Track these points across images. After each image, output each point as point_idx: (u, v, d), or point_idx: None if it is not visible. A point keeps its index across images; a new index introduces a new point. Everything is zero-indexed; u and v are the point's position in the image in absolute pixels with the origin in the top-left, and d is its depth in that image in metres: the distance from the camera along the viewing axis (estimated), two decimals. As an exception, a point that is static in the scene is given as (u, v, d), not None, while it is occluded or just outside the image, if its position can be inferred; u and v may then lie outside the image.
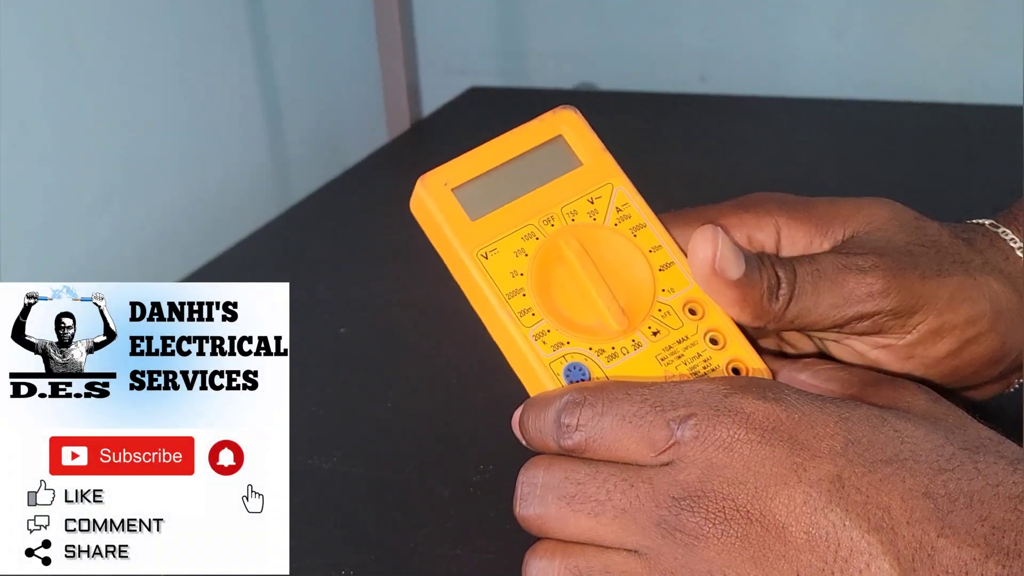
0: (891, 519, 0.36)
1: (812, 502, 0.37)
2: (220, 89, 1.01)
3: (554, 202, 0.47)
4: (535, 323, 0.45)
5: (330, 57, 1.18)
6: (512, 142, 0.48)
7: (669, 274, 0.46)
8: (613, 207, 0.47)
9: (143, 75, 0.91)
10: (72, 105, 0.84)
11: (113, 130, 0.88)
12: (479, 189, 0.47)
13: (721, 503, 0.38)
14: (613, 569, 0.39)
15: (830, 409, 0.39)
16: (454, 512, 0.51)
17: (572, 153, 0.48)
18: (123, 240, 0.89)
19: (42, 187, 0.82)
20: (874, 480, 0.37)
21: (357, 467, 0.55)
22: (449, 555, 0.48)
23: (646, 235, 0.46)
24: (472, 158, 0.48)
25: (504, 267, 0.46)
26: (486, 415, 0.59)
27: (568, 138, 0.48)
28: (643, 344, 0.45)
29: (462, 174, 0.47)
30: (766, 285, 0.44)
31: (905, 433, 0.38)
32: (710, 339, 0.45)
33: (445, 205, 0.47)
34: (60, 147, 0.83)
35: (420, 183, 0.48)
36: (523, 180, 0.47)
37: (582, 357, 0.45)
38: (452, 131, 1.10)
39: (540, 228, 0.46)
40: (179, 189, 0.96)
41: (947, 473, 0.37)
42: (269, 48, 1.06)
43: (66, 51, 0.83)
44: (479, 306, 0.47)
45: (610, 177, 0.47)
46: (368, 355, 0.66)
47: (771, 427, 0.38)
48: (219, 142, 1.01)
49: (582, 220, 0.46)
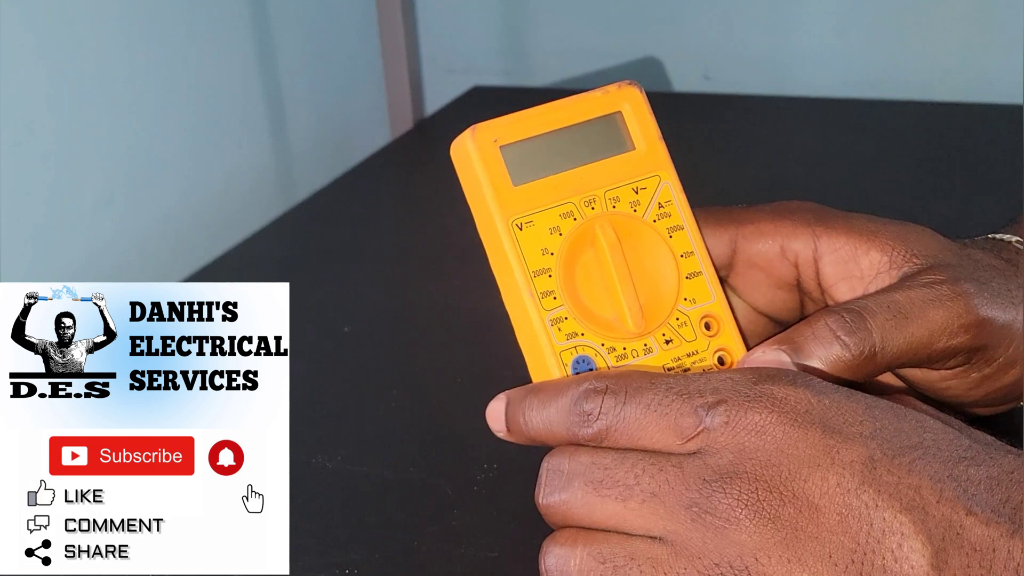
0: (921, 499, 0.36)
1: (845, 483, 0.37)
2: (223, 88, 1.01)
3: (599, 183, 0.46)
4: (555, 307, 0.45)
5: (333, 56, 1.18)
6: (570, 109, 0.46)
7: (694, 284, 0.45)
8: (656, 202, 0.46)
9: (146, 74, 0.91)
10: (74, 104, 0.84)
11: (116, 129, 0.88)
12: (528, 153, 0.46)
13: (754, 485, 0.37)
14: (638, 555, 0.38)
15: (857, 397, 0.39)
16: (458, 511, 0.51)
17: (627, 134, 0.46)
18: (126, 239, 0.89)
19: (45, 186, 0.82)
20: (903, 463, 0.37)
21: (361, 466, 0.55)
22: (453, 554, 0.48)
23: (681, 238, 0.46)
24: (527, 118, 0.46)
25: (537, 242, 0.45)
26: (489, 414, 0.59)
27: (626, 117, 0.47)
28: (654, 350, 0.45)
29: (514, 132, 0.46)
30: (852, 359, 0.43)
31: (926, 424, 0.39)
32: (718, 358, 0.45)
33: (491, 163, 0.46)
34: (62, 146, 0.83)
35: (470, 133, 0.47)
36: (573, 153, 0.46)
37: (592, 352, 0.44)
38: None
39: (580, 208, 0.45)
40: (182, 188, 0.96)
41: (967, 461, 0.37)
42: (272, 47, 1.06)
43: (69, 51, 0.83)
44: (501, 275, 0.46)
45: (660, 168, 0.46)
46: (372, 354, 0.66)
47: (803, 411, 0.38)
48: (222, 141, 1.01)
49: (623, 209, 0.46)
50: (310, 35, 1.13)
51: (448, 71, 1.25)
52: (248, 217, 0.95)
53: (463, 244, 0.81)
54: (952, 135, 0.95)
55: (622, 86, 0.47)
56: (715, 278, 0.46)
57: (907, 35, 1.08)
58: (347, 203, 0.92)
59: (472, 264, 0.77)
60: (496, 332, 0.67)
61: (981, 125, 0.95)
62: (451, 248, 0.81)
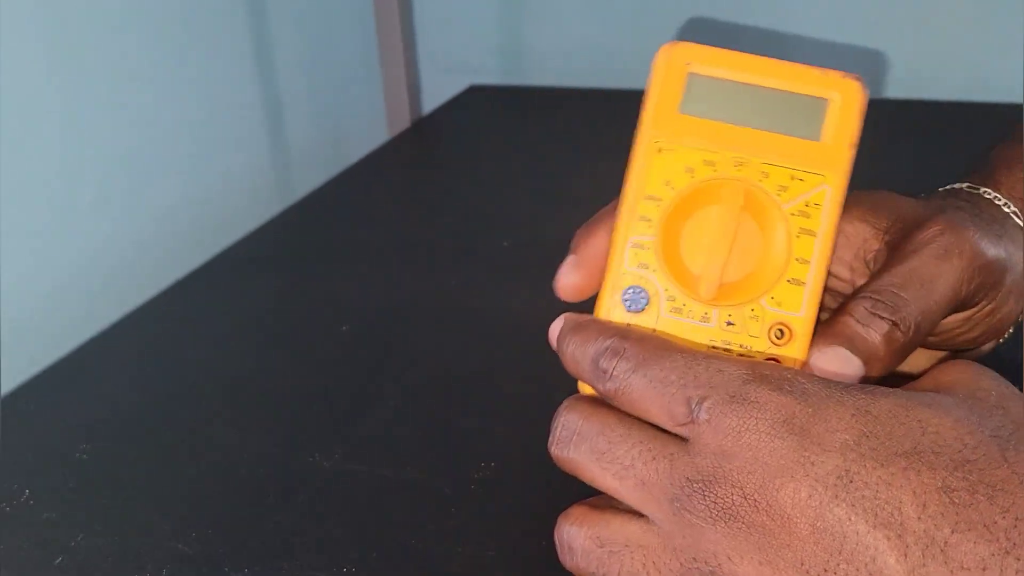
0: (901, 515, 0.36)
1: (817, 496, 0.37)
2: (221, 87, 1.01)
3: (761, 153, 0.44)
4: (643, 233, 0.44)
5: (331, 55, 1.18)
6: (780, 72, 0.44)
7: (791, 290, 0.44)
8: (805, 199, 0.44)
9: (144, 74, 0.91)
10: (73, 103, 0.84)
11: (114, 128, 0.88)
12: (712, 90, 0.45)
13: (730, 491, 0.38)
14: (632, 543, 0.40)
15: (849, 401, 0.39)
16: (455, 510, 0.50)
17: (823, 124, 0.44)
18: (124, 238, 0.89)
19: (43, 186, 0.82)
20: (885, 475, 0.37)
21: (359, 465, 0.55)
22: (451, 553, 0.48)
23: (806, 244, 0.44)
24: (732, 58, 0.44)
25: (665, 171, 0.44)
26: (488, 413, 0.59)
27: (832, 107, 0.44)
28: (710, 322, 0.44)
29: (711, 65, 0.45)
30: (892, 348, 0.43)
31: (929, 424, 0.38)
32: (777, 332, 0.44)
33: (671, 82, 0.45)
34: (61, 146, 0.83)
35: (667, 47, 0.45)
36: (755, 113, 0.44)
37: (652, 290, 0.44)
38: (452, 129, 1.10)
39: (725, 164, 0.44)
40: (180, 187, 0.96)
41: (969, 464, 0.36)
42: (270, 47, 1.06)
43: (68, 50, 0.83)
44: (624, 191, 0.45)
45: (831, 171, 0.44)
46: (370, 353, 0.66)
47: (782, 419, 0.38)
48: (220, 140, 1.01)
49: (768, 186, 0.44)
50: (307, 34, 1.13)
51: (445, 70, 1.25)
52: (246, 216, 0.95)
53: (461, 243, 0.82)
54: (950, 134, 0.95)
55: (846, 76, 0.44)
56: (818, 296, 0.44)
57: (904, 34, 1.08)
58: (345, 202, 0.92)
59: (471, 263, 0.78)
60: (495, 331, 0.68)
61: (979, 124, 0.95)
62: (449, 247, 0.81)
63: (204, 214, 0.97)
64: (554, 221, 0.84)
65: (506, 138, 1.06)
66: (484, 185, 0.94)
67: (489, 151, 1.02)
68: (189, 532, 0.50)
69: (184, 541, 0.50)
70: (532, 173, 0.95)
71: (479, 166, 0.98)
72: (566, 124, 1.07)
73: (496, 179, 0.94)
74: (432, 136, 1.10)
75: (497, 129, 1.09)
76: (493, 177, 0.95)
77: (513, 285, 0.73)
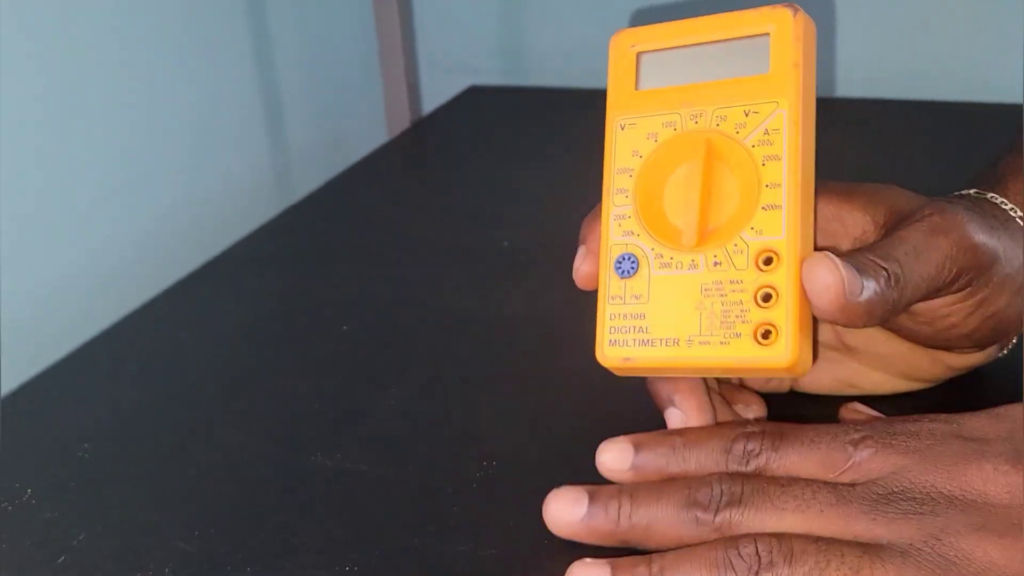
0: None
1: (1002, 467, 0.41)
2: (221, 87, 1.01)
3: (714, 101, 0.46)
4: (622, 204, 0.47)
5: (330, 55, 1.18)
6: (717, 24, 0.47)
7: (768, 216, 0.44)
8: (764, 128, 0.45)
9: (143, 74, 0.91)
10: (71, 103, 0.84)
11: (113, 128, 0.88)
12: (661, 61, 0.47)
13: (920, 489, 0.41)
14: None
15: (980, 415, 0.44)
16: (457, 509, 0.50)
17: (766, 57, 0.46)
18: (124, 238, 0.89)
19: (42, 186, 0.82)
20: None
21: (360, 464, 0.55)
22: (452, 552, 0.48)
23: (774, 168, 0.45)
24: (673, 28, 0.47)
25: (630, 144, 0.47)
26: (489, 412, 0.59)
27: (772, 39, 0.46)
28: (698, 267, 0.45)
29: (655, 40, 0.48)
30: (889, 294, 0.44)
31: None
32: (764, 294, 0.44)
33: (623, 66, 0.48)
34: (59, 146, 0.83)
35: (614, 38, 0.48)
36: (706, 67, 0.47)
37: (640, 253, 0.46)
38: (452, 129, 1.10)
39: (683, 120, 0.46)
40: (180, 188, 0.96)
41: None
42: (270, 47, 1.06)
43: (66, 50, 0.83)
44: (603, 168, 0.48)
45: (781, 95, 0.45)
46: (370, 352, 0.66)
47: (939, 434, 0.43)
48: (219, 140, 1.01)
49: (726, 128, 0.46)
50: (307, 34, 1.13)
51: (445, 71, 1.25)
52: (245, 216, 0.95)
53: (461, 243, 0.82)
54: (950, 135, 0.95)
55: (776, 7, 0.46)
56: (798, 216, 0.44)
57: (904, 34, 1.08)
58: (344, 202, 0.92)
59: (470, 263, 0.78)
60: (495, 331, 0.68)
61: (979, 125, 0.95)
62: (449, 247, 0.81)
63: (204, 214, 0.97)
64: (554, 221, 0.83)
65: (506, 139, 1.06)
66: (484, 185, 0.94)
67: (489, 152, 1.02)
68: (191, 531, 0.50)
69: (186, 540, 0.50)
70: (532, 173, 0.95)
71: (479, 166, 0.98)
72: (566, 125, 1.07)
73: (496, 179, 0.94)
74: (432, 137, 1.10)
75: (497, 130, 1.09)
76: (493, 177, 0.95)
77: (513, 285, 0.73)
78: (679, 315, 0.45)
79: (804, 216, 0.45)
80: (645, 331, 0.46)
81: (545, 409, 0.58)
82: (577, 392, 0.58)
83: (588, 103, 1.18)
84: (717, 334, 0.44)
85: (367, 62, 1.20)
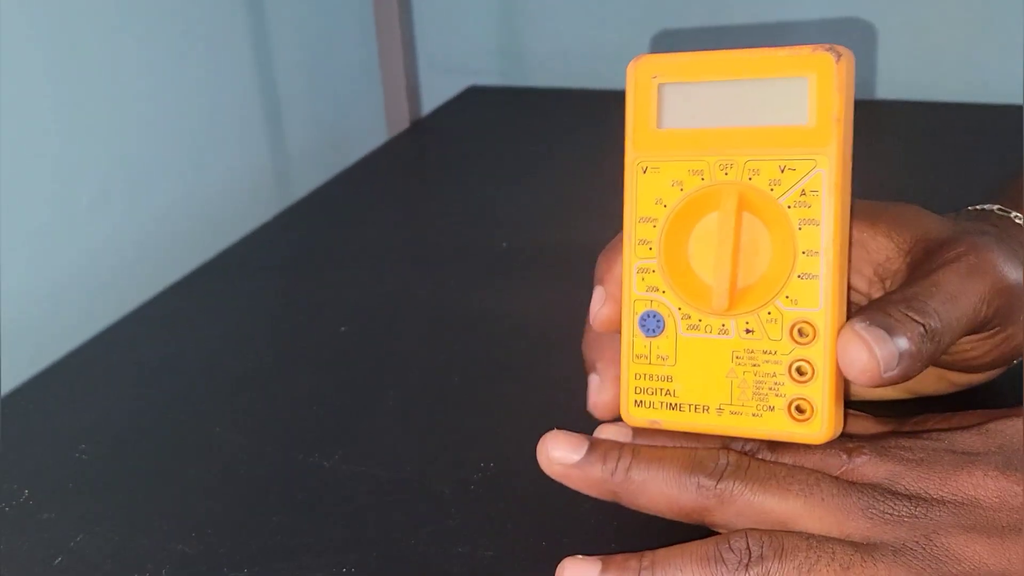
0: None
1: (992, 473, 0.41)
2: (220, 88, 1.01)
3: (745, 150, 0.42)
4: (646, 257, 0.44)
5: (330, 56, 1.18)
6: (749, 62, 0.42)
7: (804, 285, 0.42)
8: (800, 187, 0.42)
9: (143, 75, 0.91)
10: (71, 104, 0.84)
11: (113, 129, 0.88)
12: (684, 97, 0.43)
13: (916, 495, 0.41)
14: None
15: (972, 430, 0.44)
16: (455, 510, 0.50)
17: (806, 105, 0.42)
18: (124, 238, 0.89)
19: (41, 186, 0.82)
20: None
21: (358, 465, 0.54)
22: (450, 553, 0.48)
23: (811, 234, 0.42)
24: (698, 60, 0.43)
25: (654, 190, 0.44)
26: (487, 414, 0.59)
27: (812, 86, 0.42)
28: (729, 333, 0.43)
29: (678, 72, 0.43)
30: (926, 348, 0.42)
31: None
32: (797, 368, 0.42)
33: (643, 99, 0.44)
34: (59, 146, 0.83)
35: (633, 63, 0.44)
36: (732, 110, 0.43)
37: (666, 312, 0.44)
38: (451, 130, 1.10)
39: (712, 170, 0.43)
40: (179, 188, 0.96)
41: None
42: (269, 47, 1.06)
43: (66, 50, 0.83)
44: (623, 208, 0.45)
45: (821, 152, 0.41)
46: (369, 353, 0.66)
47: (931, 448, 0.43)
48: (219, 141, 1.01)
49: (759, 184, 0.42)
50: (307, 35, 1.13)
51: (445, 71, 1.25)
52: (245, 216, 0.95)
53: (460, 244, 0.82)
54: (949, 136, 0.95)
55: (817, 50, 0.41)
56: (835, 288, 0.42)
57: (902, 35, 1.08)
58: (344, 203, 0.92)
59: (469, 264, 0.78)
60: (493, 332, 0.68)
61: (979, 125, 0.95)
62: (448, 248, 0.81)
63: (203, 215, 0.97)
64: (553, 222, 0.84)
65: (505, 139, 1.06)
66: (483, 186, 0.94)
67: (488, 152, 1.02)
68: (189, 532, 0.50)
69: (184, 541, 0.50)
70: (531, 174, 0.95)
71: (478, 167, 0.98)
72: (566, 125, 1.07)
73: (495, 180, 0.94)
74: (431, 137, 1.10)
75: (496, 130, 1.09)
76: (492, 178, 0.95)
77: (512, 286, 0.73)
78: (709, 381, 0.44)
79: (840, 286, 0.42)
80: (673, 395, 0.44)
81: (543, 410, 0.58)
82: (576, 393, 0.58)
83: (587, 104, 1.18)
84: (749, 405, 0.43)
85: (367, 62, 1.20)
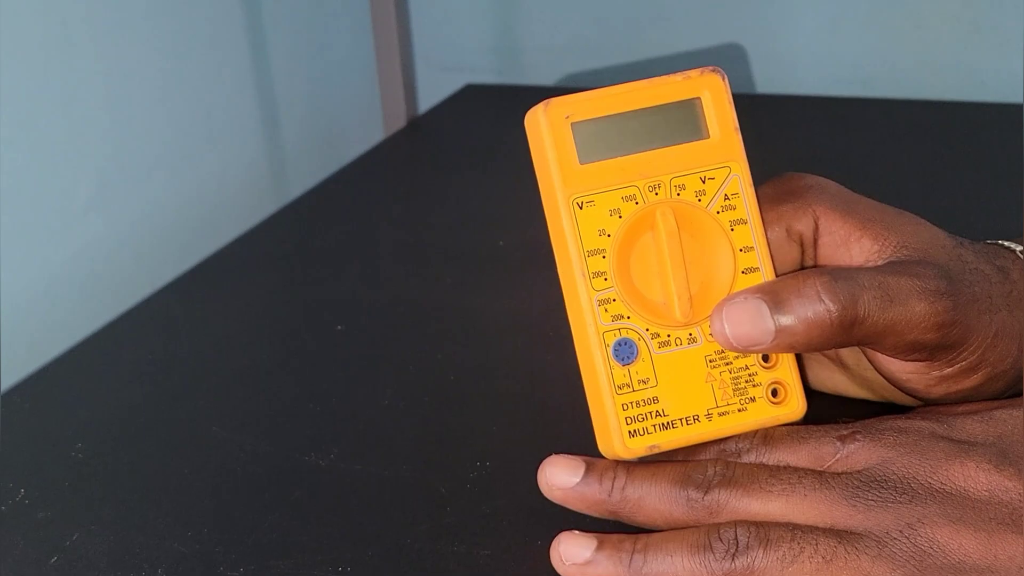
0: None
1: (984, 466, 0.41)
2: (215, 86, 1.00)
3: (667, 169, 0.46)
4: (604, 288, 0.45)
5: (326, 54, 1.18)
6: (648, 91, 0.47)
7: (750, 279, 0.46)
8: (722, 193, 0.46)
9: (138, 72, 0.91)
10: (66, 102, 0.84)
11: (108, 127, 0.88)
12: (599, 132, 0.46)
13: (904, 479, 0.42)
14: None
15: (974, 416, 0.44)
16: (451, 508, 0.51)
17: (703, 122, 0.47)
18: (119, 237, 0.89)
19: (35, 184, 0.82)
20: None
21: (354, 464, 0.55)
22: (446, 552, 0.48)
23: (743, 232, 0.46)
24: (603, 96, 0.46)
25: (595, 222, 0.45)
26: (483, 412, 0.59)
27: (705, 104, 0.47)
28: (698, 340, 0.46)
29: (588, 110, 0.46)
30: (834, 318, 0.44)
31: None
32: (763, 355, 0.46)
33: (559, 139, 0.46)
34: (55, 144, 0.83)
35: (543, 107, 0.46)
36: (645, 136, 0.46)
37: (636, 336, 0.45)
38: (448, 128, 1.10)
39: (643, 193, 0.46)
40: (174, 187, 0.95)
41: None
42: (265, 45, 1.06)
43: (61, 48, 0.83)
44: (558, 252, 0.46)
45: (731, 160, 0.47)
46: (365, 352, 0.66)
47: (927, 433, 0.43)
48: (215, 139, 1.01)
49: (687, 197, 0.46)
50: (303, 32, 1.13)
51: (441, 69, 1.25)
52: (241, 215, 0.94)
53: (457, 242, 0.82)
54: (948, 134, 0.95)
55: (704, 72, 0.47)
56: (772, 275, 0.46)
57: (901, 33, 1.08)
58: (340, 201, 0.92)
59: (465, 263, 0.78)
60: (490, 331, 0.68)
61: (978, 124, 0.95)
62: (444, 247, 0.81)
63: (199, 213, 0.97)
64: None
65: (502, 137, 1.05)
66: (480, 184, 0.93)
67: (485, 150, 1.02)
68: (185, 531, 0.50)
69: (180, 540, 0.50)
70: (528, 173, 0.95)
71: (475, 165, 0.98)
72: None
73: (492, 178, 0.94)
74: (428, 135, 1.10)
75: (493, 128, 1.08)
76: (489, 176, 0.95)
77: (508, 284, 0.73)
78: (692, 391, 0.46)
79: (774, 270, 0.47)
80: (663, 414, 0.46)
81: (539, 409, 0.58)
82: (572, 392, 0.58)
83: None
84: (733, 402, 0.46)
85: (363, 60, 1.20)
